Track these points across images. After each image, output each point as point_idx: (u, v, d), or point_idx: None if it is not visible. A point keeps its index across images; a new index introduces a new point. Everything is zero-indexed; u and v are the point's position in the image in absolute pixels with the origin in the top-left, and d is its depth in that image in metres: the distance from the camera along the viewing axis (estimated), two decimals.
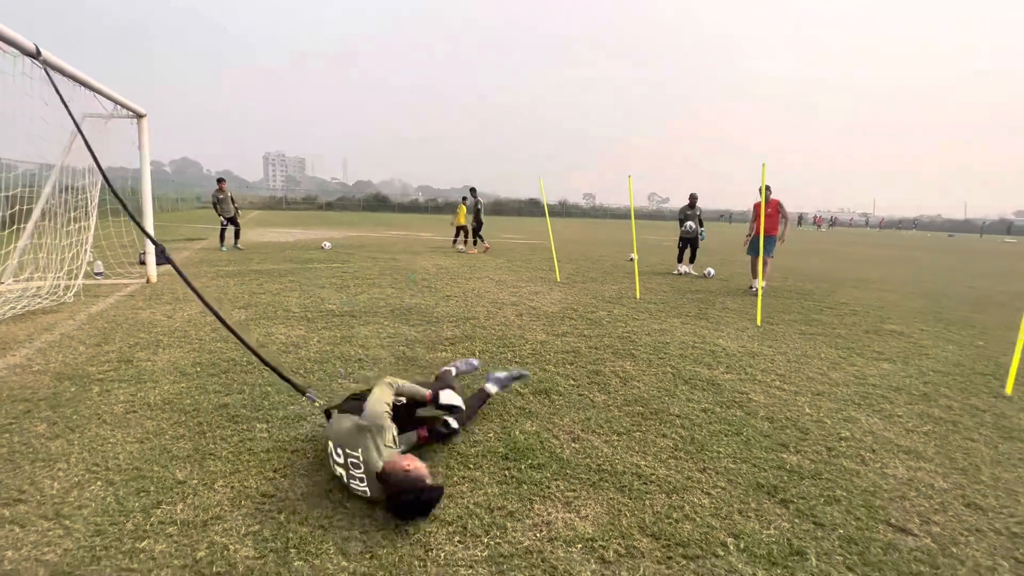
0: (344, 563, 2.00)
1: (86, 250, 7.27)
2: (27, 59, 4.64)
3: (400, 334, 5.39)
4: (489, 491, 2.53)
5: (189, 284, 3.35)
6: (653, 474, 2.75)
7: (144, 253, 8.83)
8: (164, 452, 2.82)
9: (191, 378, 3.95)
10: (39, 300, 6.31)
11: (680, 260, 11.53)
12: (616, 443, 3.10)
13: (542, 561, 2.05)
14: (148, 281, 8.06)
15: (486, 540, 2.17)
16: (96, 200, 7.24)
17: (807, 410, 3.73)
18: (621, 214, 71.87)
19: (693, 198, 11.33)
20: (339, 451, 2.43)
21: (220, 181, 13.53)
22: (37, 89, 4.88)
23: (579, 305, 7.33)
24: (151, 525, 2.20)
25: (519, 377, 3.75)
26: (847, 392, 4.14)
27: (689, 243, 11.39)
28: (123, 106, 7.17)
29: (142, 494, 2.42)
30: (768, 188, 8.78)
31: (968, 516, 2.47)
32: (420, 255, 13.52)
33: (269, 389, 3.75)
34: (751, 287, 9.21)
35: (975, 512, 2.51)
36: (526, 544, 2.15)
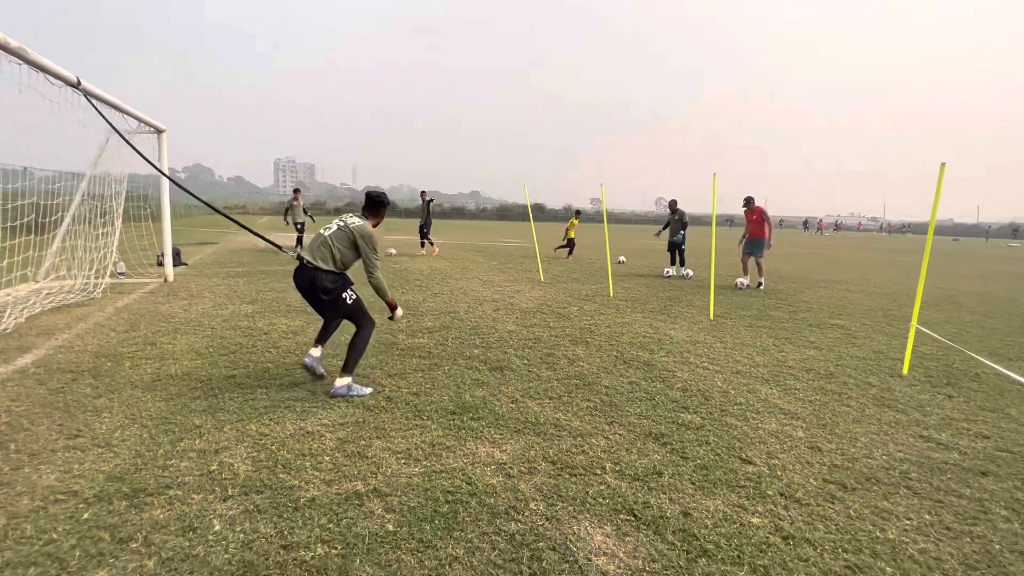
0: (316, 474, 2.73)
1: (112, 252, 8.11)
2: (68, 87, 5.48)
3: (385, 324, 6.14)
4: (434, 433, 3.26)
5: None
6: (568, 425, 3.46)
7: (162, 255, 9.67)
8: (184, 407, 3.58)
9: (205, 357, 4.72)
10: (71, 296, 7.15)
11: (672, 263, 12.17)
12: (547, 405, 3.81)
13: (462, 474, 2.77)
14: (165, 280, 8.89)
15: (424, 463, 2.89)
16: (121, 207, 8.09)
17: (719, 384, 4.42)
18: (625, 219, 72.35)
19: (672, 204, 12.02)
20: (333, 227, 3.89)
21: (296, 192, 14.50)
22: (69, 111, 5.72)
23: (554, 302, 8.05)
24: (177, 451, 2.95)
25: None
26: (762, 372, 4.82)
27: (675, 247, 12.05)
28: (145, 123, 8.03)
29: (169, 433, 3.17)
30: (751, 199, 9.83)
31: (806, 454, 3.16)
32: (417, 258, 14.30)
33: (269, 366, 4.51)
34: (736, 284, 10.06)
35: (814, 452, 3.19)
36: (454, 465, 2.87)
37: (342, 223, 3.93)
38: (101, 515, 2.33)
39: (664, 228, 12.33)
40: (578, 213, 16.44)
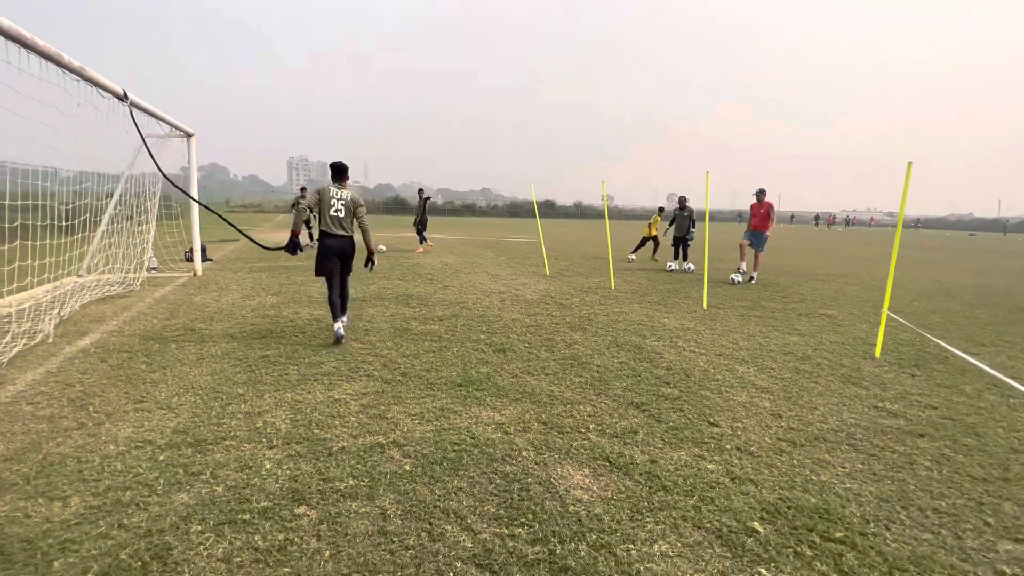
0: (344, 431, 3.26)
1: (147, 248, 8.75)
2: (116, 99, 6.07)
3: (399, 313, 6.68)
4: (443, 401, 3.77)
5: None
6: (561, 395, 3.95)
7: (190, 251, 10.32)
8: (228, 380, 4.13)
9: (240, 340, 5.29)
10: (112, 288, 7.79)
11: (676, 257, 12.54)
12: (543, 380, 4.31)
13: (467, 431, 3.27)
14: (195, 275, 9.53)
15: (435, 423, 3.40)
16: (156, 206, 8.72)
17: (701, 364, 4.88)
18: (636, 215, 72.35)
19: (682, 200, 12.40)
20: (337, 204, 5.19)
21: (303, 189, 14.98)
22: (109, 120, 6.31)
23: (557, 294, 8.53)
24: (227, 413, 3.49)
25: None
26: (744, 354, 5.26)
27: (680, 241, 12.43)
28: (177, 128, 8.65)
29: (218, 399, 3.72)
30: (763, 191, 10.24)
31: (767, 420, 3.61)
32: (429, 254, 14.85)
33: (298, 347, 5.06)
34: (732, 279, 10.48)
35: (775, 418, 3.65)
36: (460, 424, 3.38)
37: (342, 200, 5.26)
38: (174, 457, 2.88)
39: (671, 225, 12.72)
40: (661, 211, 15.16)
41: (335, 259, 5.27)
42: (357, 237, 5.48)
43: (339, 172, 5.45)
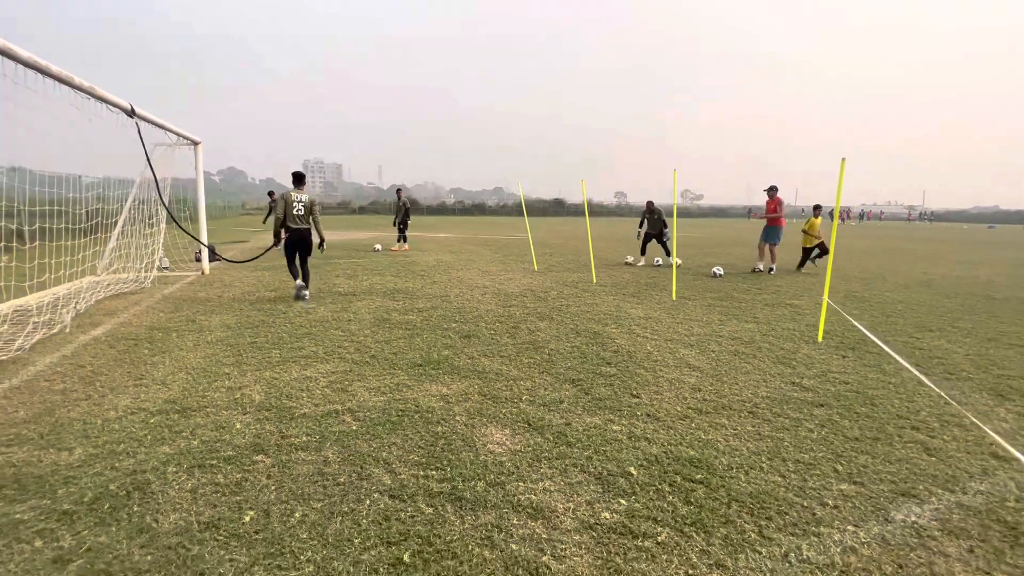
0: (309, 401, 3.78)
1: (158, 249, 9.44)
2: (123, 114, 6.71)
3: (384, 306, 7.22)
4: (400, 378, 4.28)
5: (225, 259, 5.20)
6: (507, 373, 4.43)
7: (200, 252, 11.02)
8: (217, 362, 4.69)
9: (234, 330, 5.87)
10: (126, 286, 8.47)
11: (642, 253, 12.85)
12: (496, 361, 4.79)
13: (413, 401, 3.77)
14: (203, 273, 10.21)
15: (388, 395, 3.91)
16: (165, 210, 9.41)
17: (648, 347, 5.31)
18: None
19: (650, 204, 12.66)
20: (298, 206, 7.35)
21: (271, 194, 15.75)
22: (127, 130, 6.96)
23: (539, 287, 8.99)
24: (212, 388, 4.05)
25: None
26: (693, 339, 5.67)
27: (651, 239, 12.66)
28: (184, 137, 9.31)
29: (206, 377, 4.28)
30: (774, 188, 10.90)
31: (685, 393, 4.04)
32: (427, 252, 15.41)
33: (284, 335, 5.62)
34: (755, 268, 11.67)
35: (693, 391, 4.07)
36: (409, 396, 3.88)
37: (301, 202, 7.47)
38: (162, 420, 3.43)
39: (640, 226, 12.94)
40: (817, 209, 12.00)
41: (296, 243, 7.59)
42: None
43: (299, 179, 7.65)
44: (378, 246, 16.01)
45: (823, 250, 11.95)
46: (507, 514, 2.42)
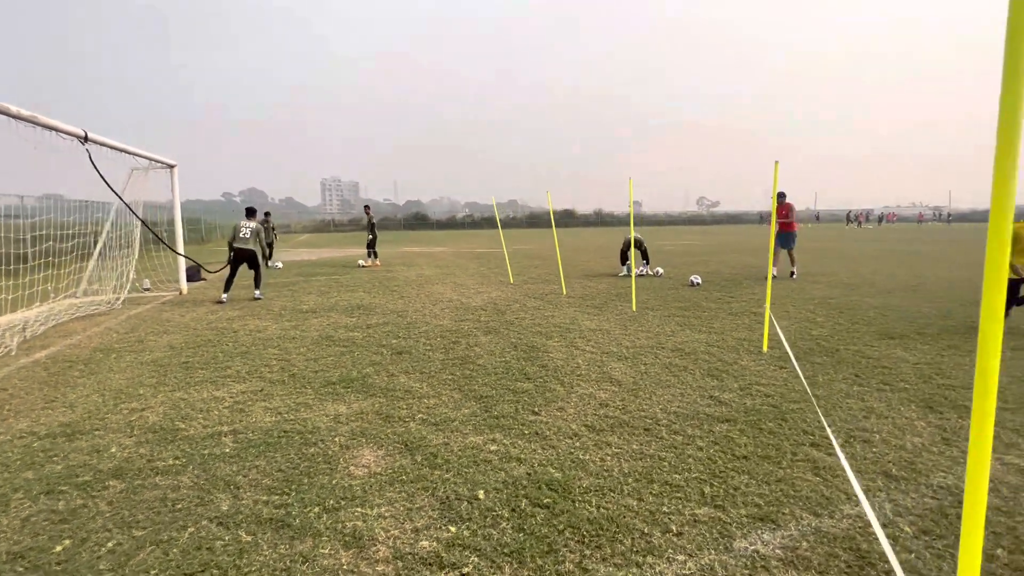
0: (201, 422, 3.75)
1: (130, 270, 9.65)
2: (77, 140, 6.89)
3: (337, 322, 7.21)
4: (306, 397, 4.23)
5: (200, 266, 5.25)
6: (417, 391, 4.34)
7: (189, 270, 11.22)
8: (138, 383, 4.71)
9: (176, 349, 5.91)
10: (98, 307, 8.65)
11: (623, 262, 12.71)
12: (414, 378, 4.71)
13: (303, 421, 3.71)
14: (180, 293, 10.38)
15: (283, 415, 3.85)
16: (138, 234, 9.65)
17: (579, 362, 5.16)
18: (657, 220, 71.61)
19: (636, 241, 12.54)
20: (245, 230, 9.08)
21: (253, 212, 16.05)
22: (103, 151, 7.15)
23: (503, 301, 8.90)
24: (115, 410, 4.04)
25: None
26: (629, 352, 5.50)
27: (630, 248, 12.52)
28: (156, 161, 9.55)
29: (117, 399, 4.29)
30: (783, 194, 10.85)
31: (589, 410, 3.89)
32: (413, 267, 15.46)
33: (219, 355, 5.63)
34: (774, 275, 11.07)
35: (599, 407, 3.92)
36: (304, 416, 3.82)
37: (248, 228, 9.21)
38: (44, 444, 3.43)
39: (624, 262, 12.82)
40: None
41: (242, 259, 9.23)
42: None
43: (250, 212, 9.74)
44: (361, 262, 16.14)
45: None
46: (323, 543, 2.33)
